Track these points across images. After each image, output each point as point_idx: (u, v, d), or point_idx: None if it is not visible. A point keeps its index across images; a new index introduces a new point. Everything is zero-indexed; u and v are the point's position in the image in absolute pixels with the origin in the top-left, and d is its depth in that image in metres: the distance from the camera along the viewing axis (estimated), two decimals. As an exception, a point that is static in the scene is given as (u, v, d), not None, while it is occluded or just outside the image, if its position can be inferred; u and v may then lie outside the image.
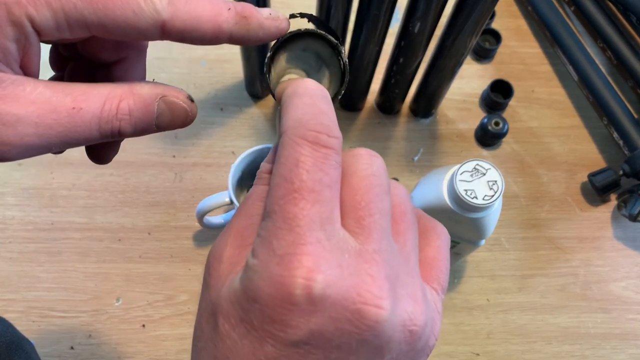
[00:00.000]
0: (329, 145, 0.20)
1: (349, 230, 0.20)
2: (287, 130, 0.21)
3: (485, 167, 0.41)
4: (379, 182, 0.21)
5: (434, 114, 0.62)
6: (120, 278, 0.53)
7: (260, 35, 0.24)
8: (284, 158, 0.20)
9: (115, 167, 0.57)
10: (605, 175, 0.58)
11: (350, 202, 0.21)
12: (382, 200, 0.21)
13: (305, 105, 0.21)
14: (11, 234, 0.54)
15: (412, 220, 0.23)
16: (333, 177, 0.20)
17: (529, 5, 0.67)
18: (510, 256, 0.56)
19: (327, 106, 0.22)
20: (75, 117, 0.21)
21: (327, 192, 0.20)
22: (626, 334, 0.54)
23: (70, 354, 0.50)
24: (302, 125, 0.21)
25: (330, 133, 0.21)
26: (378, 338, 0.19)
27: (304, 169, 0.20)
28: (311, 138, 0.20)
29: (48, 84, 0.21)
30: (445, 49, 0.50)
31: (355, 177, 0.21)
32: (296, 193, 0.19)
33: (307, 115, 0.21)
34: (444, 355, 0.52)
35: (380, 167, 0.22)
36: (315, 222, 0.19)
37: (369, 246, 0.20)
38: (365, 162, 0.22)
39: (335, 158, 0.20)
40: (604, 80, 0.60)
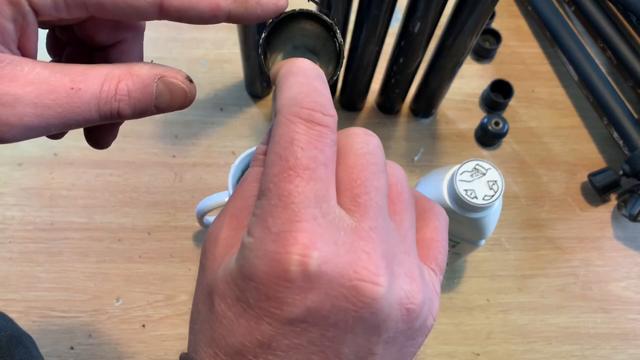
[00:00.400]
0: (323, 123, 0.20)
1: (345, 208, 0.20)
2: (281, 109, 0.21)
3: (485, 167, 0.41)
4: (375, 160, 0.21)
5: (434, 113, 0.62)
6: (120, 278, 0.53)
7: (259, 13, 0.24)
8: (279, 136, 0.20)
9: (115, 167, 0.57)
10: (605, 175, 0.58)
11: (346, 180, 0.21)
12: (378, 178, 0.21)
13: (300, 84, 0.21)
14: (11, 234, 0.54)
15: (409, 200, 0.23)
16: (328, 154, 0.20)
17: (529, 5, 0.67)
18: (510, 256, 0.56)
19: (321, 85, 0.22)
20: (74, 98, 0.21)
21: (322, 169, 0.20)
22: (626, 334, 0.54)
23: (70, 354, 0.50)
24: (297, 104, 0.20)
25: (325, 111, 0.20)
26: (375, 315, 0.19)
27: (299, 147, 0.19)
28: (305, 116, 0.20)
29: (46, 64, 0.21)
30: (445, 48, 0.50)
31: (351, 155, 0.21)
32: (291, 170, 0.19)
33: (302, 94, 0.21)
34: (444, 355, 0.52)
35: (377, 146, 0.22)
36: (310, 199, 0.19)
37: (365, 223, 0.20)
38: (361, 140, 0.22)
39: (330, 136, 0.20)
40: (604, 80, 0.60)
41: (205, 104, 0.61)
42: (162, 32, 0.64)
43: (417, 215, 0.25)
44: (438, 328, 0.53)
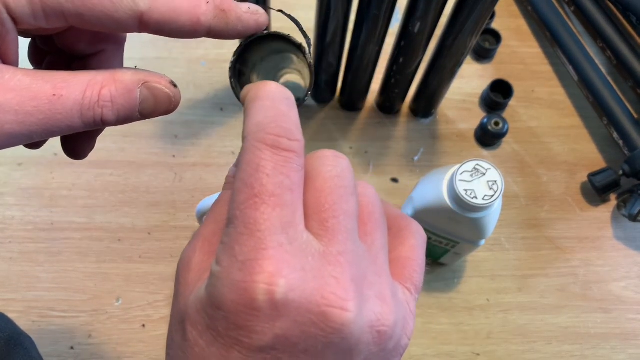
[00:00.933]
0: (289, 149, 0.20)
1: (313, 233, 0.20)
2: (247, 136, 0.21)
3: (485, 167, 0.41)
4: (344, 183, 0.21)
5: (434, 113, 0.62)
6: (120, 278, 0.53)
7: (240, 29, 0.24)
8: (245, 163, 0.20)
9: (115, 167, 0.57)
10: (605, 175, 0.58)
11: (314, 205, 0.21)
12: (346, 201, 0.21)
13: (266, 109, 0.21)
14: (11, 234, 0.54)
15: (380, 220, 0.23)
16: (294, 180, 0.20)
17: (529, 5, 0.67)
18: (510, 256, 0.56)
19: (288, 108, 0.22)
20: (56, 104, 0.21)
21: (288, 195, 0.20)
22: (626, 334, 0.54)
23: (70, 354, 0.50)
24: (262, 129, 0.20)
25: (290, 136, 0.20)
26: (345, 340, 0.19)
27: (264, 173, 0.19)
28: (271, 142, 0.20)
29: (27, 72, 0.21)
30: (445, 49, 0.50)
31: (319, 179, 0.21)
32: (257, 198, 0.19)
33: (268, 119, 0.21)
34: (444, 355, 0.52)
35: (346, 168, 0.22)
36: (276, 226, 0.19)
37: (334, 248, 0.20)
38: (330, 163, 0.22)
39: (296, 161, 0.20)
40: (604, 80, 0.60)
41: (205, 104, 0.61)
42: (162, 32, 0.64)
43: (394, 234, 0.25)
44: (438, 328, 0.53)
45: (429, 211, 0.45)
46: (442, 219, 0.44)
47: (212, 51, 0.63)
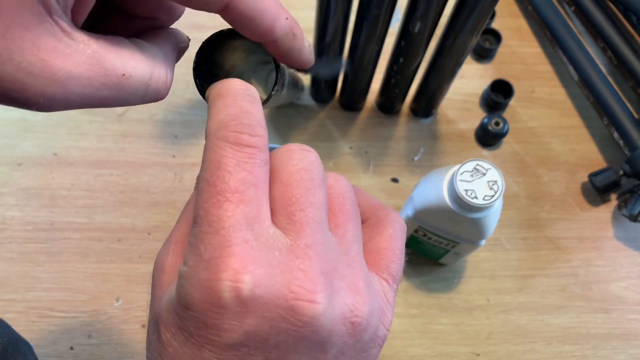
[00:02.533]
0: (251, 144, 0.20)
1: (281, 227, 0.20)
2: (209, 134, 0.21)
3: (486, 167, 0.40)
4: (310, 175, 0.21)
5: (434, 113, 0.62)
6: (120, 278, 0.53)
7: (295, 57, 0.25)
8: (207, 162, 0.20)
9: (114, 167, 0.57)
10: (606, 175, 0.57)
11: (280, 199, 0.21)
12: (314, 193, 0.21)
13: (227, 106, 0.21)
14: (11, 234, 0.54)
15: (351, 211, 0.23)
16: (258, 175, 0.20)
17: (529, 5, 0.67)
18: (510, 256, 0.56)
19: (250, 104, 0.21)
20: (124, 84, 0.21)
21: (252, 191, 0.19)
22: (627, 334, 0.54)
23: (70, 354, 0.50)
24: (224, 127, 0.20)
25: (252, 132, 0.20)
26: (317, 333, 0.19)
27: (226, 170, 0.19)
28: (232, 139, 0.20)
29: (99, 42, 0.20)
30: (445, 48, 0.50)
31: (286, 173, 0.21)
32: (219, 195, 0.19)
33: (229, 117, 0.21)
34: (444, 356, 0.52)
35: (313, 161, 0.22)
36: (240, 222, 0.19)
37: (301, 241, 0.20)
38: (296, 157, 0.22)
39: (259, 156, 0.20)
40: (605, 80, 0.60)
41: (205, 104, 0.61)
42: (162, 32, 0.64)
43: (372, 224, 0.25)
44: (438, 328, 0.53)
45: (429, 211, 0.44)
46: (442, 219, 0.44)
47: (212, 51, 0.63)
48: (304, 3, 0.67)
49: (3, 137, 0.58)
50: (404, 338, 0.52)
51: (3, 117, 0.59)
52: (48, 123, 0.59)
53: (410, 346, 0.52)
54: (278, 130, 0.60)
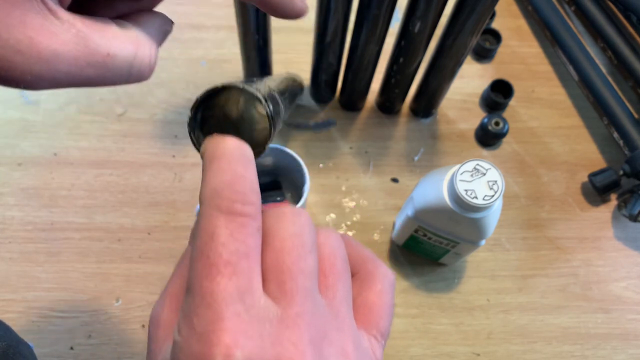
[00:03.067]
0: (244, 213, 0.20)
1: (272, 296, 0.20)
2: (203, 201, 0.21)
3: (486, 167, 0.40)
4: (302, 241, 0.21)
5: (434, 113, 0.62)
6: (120, 278, 0.53)
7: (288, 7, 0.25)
8: (201, 230, 0.20)
9: (114, 167, 0.57)
10: (606, 175, 0.58)
11: (272, 266, 0.21)
12: (305, 260, 0.21)
13: (221, 171, 0.21)
14: (11, 234, 0.54)
15: (342, 271, 0.23)
16: (250, 244, 0.20)
17: (529, 5, 0.67)
18: (510, 256, 0.56)
19: (244, 168, 0.22)
20: (108, 64, 0.21)
21: (244, 262, 0.20)
22: (627, 334, 0.54)
23: (70, 354, 0.50)
24: (217, 195, 0.20)
25: (245, 200, 0.20)
26: None
27: (219, 242, 0.20)
28: (225, 208, 0.20)
29: (84, 21, 0.21)
30: (445, 48, 0.50)
31: (277, 239, 0.21)
32: (213, 267, 0.19)
33: (222, 184, 0.21)
34: (444, 356, 0.52)
35: (304, 224, 0.22)
36: (233, 295, 0.19)
37: (292, 310, 0.20)
38: (288, 221, 0.22)
39: (252, 224, 0.20)
40: (604, 80, 0.60)
41: (205, 104, 0.61)
42: (162, 32, 0.64)
43: (361, 277, 0.25)
44: (438, 328, 0.53)
45: (429, 211, 0.44)
46: (442, 219, 0.44)
47: (212, 51, 0.63)
48: (304, 3, 0.67)
49: (3, 136, 0.58)
50: (404, 338, 0.52)
51: (3, 116, 0.59)
52: (48, 123, 0.59)
53: (410, 346, 0.52)
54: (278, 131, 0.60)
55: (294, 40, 0.65)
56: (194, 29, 0.64)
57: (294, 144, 0.59)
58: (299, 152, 0.57)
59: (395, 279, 0.25)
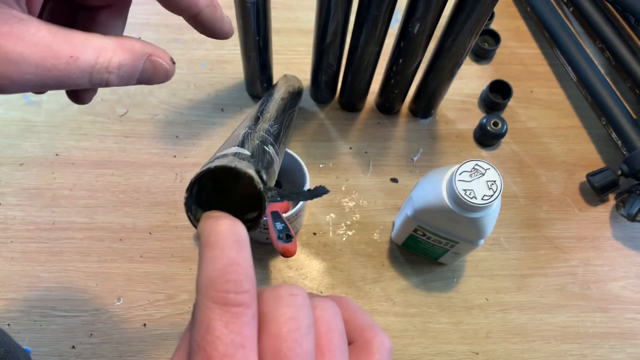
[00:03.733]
0: (238, 303, 0.21)
1: None
2: (199, 291, 0.21)
3: (484, 167, 0.41)
4: (298, 325, 0.22)
5: (433, 114, 0.62)
6: (122, 278, 0.53)
7: (217, 27, 0.28)
8: (198, 323, 0.21)
9: (116, 167, 0.57)
10: (604, 175, 0.58)
11: (269, 352, 0.21)
12: (301, 344, 0.21)
13: (215, 259, 0.22)
14: (12, 233, 0.54)
15: (338, 345, 0.23)
16: (246, 334, 0.21)
17: (527, 6, 0.67)
18: (509, 256, 0.57)
19: (237, 253, 0.22)
20: (72, 65, 0.23)
21: (240, 353, 0.20)
22: (625, 333, 0.54)
23: (72, 353, 0.50)
24: (212, 286, 0.21)
25: (239, 289, 0.21)
26: None
27: (215, 335, 0.20)
28: (220, 300, 0.21)
29: (49, 28, 0.23)
30: (444, 49, 0.51)
31: (274, 324, 0.22)
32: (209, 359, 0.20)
33: (216, 272, 0.21)
34: (444, 355, 0.52)
35: (300, 305, 0.22)
36: None
37: None
38: (284, 304, 0.22)
39: (247, 313, 0.21)
40: (603, 80, 0.60)
41: (206, 105, 0.61)
42: (163, 32, 0.64)
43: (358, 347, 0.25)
44: (437, 327, 0.53)
45: (429, 211, 0.45)
46: (441, 219, 0.45)
47: (213, 52, 0.64)
48: (304, 4, 0.67)
49: (5, 137, 0.58)
50: (404, 337, 0.53)
51: (5, 117, 0.59)
52: (50, 123, 0.59)
53: (409, 345, 0.52)
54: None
55: (294, 41, 0.65)
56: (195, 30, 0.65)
57: (294, 144, 0.60)
58: (299, 152, 0.58)
59: (392, 346, 0.26)
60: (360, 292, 0.54)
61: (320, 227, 0.56)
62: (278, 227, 0.43)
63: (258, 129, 0.30)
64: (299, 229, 0.56)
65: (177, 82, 0.62)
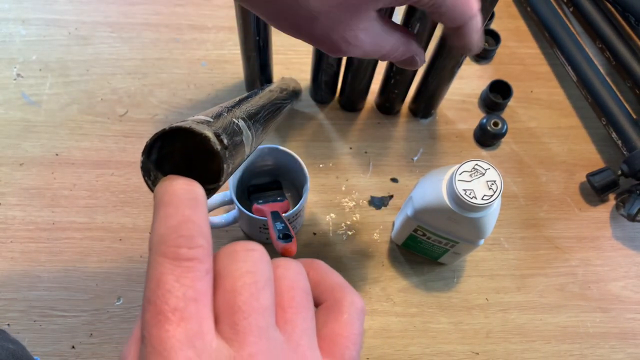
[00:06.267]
0: (190, 257, 0.20)
1: (225, 337, 0.20)
2: (151, 248, 0.21)
3: (485, 167, 0.41)
4: (254, 278, 0.21)
5: (433, 114, 0.62)
6: (121, 277, 0.53)
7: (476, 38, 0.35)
8: (148, 279, 0.20)
9: (116, 167, 0.57)
10: (604, 175, 0.58)
11: (224, 307, 0.21)
12: (257, 298, 0.21)
13: (168, 217, 0.21)
14: (12, 233, 0.54)
15: (302, 303, 0.23)
16: (199, 288, 0.20)
17: (528, 6, 0.67)
18: (509, 256, 0.57)
19: (192, 210, 0.21)
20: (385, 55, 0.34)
21: (192, 306, 0.20)
22: (625, 333, 0.54)
23: (71, 353, 0.50)
24: (163, 242, 0.20)
25: (191, 244, 0.20)
26: None
27: (165, 289, 0.19)
28: (171, 254, 0.20)
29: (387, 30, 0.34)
30: (444, 49, 0.51)
31: (229, 279, 0.21)
32: (160, 315, 0.19)
33: (169, 230, 0.20)
34: (444, 354, 0.52)
35: (258, 259, 0.22)
36: (182, 341, 0.19)
37: (244, 351, 0.20)
38: (240, 259, 0.21)
39: (199, 268, 0.20)
40: (603, 80, 0.60)
41: (206, 105, 0.61)
42: (163, 32, 0.64)
43: (328, 306, 0.25)
44: (437, 327, 0.53)
45: (429, 211, 0.45)
46: (441, 219, 0.45)
47: (213, 52, 0.64)
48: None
49: (5, 137, 0.58)
50: (404, 337, 0.53)
51: (5, 117, 0.59)
52: (50, 123, 0.59)
53: (409, 345, 0.52)
54: (278, 132, 0.60)
55: (294, 41, 0.64)
56: (195, 30, 0.65)
57: (294, 144, 0.60)
58: (299, 152, 0.58)
59: (364, 306, 0.25)
60: (360, 292, 0.54)
61: (320, 227, 0.56)
62: (278, 227, 0.43)
63: (233, 109, 0.29)
64: (299, 229, 0.56)
65: (177, 82, 0.62)
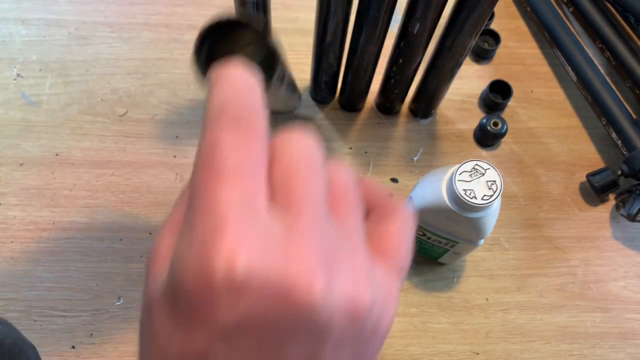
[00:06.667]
0: (250, 122, 0.19)
1: (279, 209, 0.19)
2: (207, 118, 0.19)
3: (484, 167, 0.41)
4: (312, 160, 0.20)
5: (433, 114, 0.62)
6: (122, 277, 0.53)
7: None
8: (204, 144, 0.19)
9: (116, 167, 0.57)
10: (604, 175, 0.58)
11: (280, 180, 0.19)
12: (314, 178, 0.20)
13: (227, 91, 0.20)
14: (12, 233, 0.54)
15: (352, 202, 0.21)
16: (257, 152, 0.19)
17: (528, 6, 0.67)
18: (509, 256, 0.57)
19: (250, 94, 0.20)
20: None
21: (249, 170, 0.18)
22: (625, 333, 0.54)
23: (72, 353, 0.50)
24: (222, 111, 0.19)
25: (252, 114, 0.19)
26: (314, 321, 0.18)
27: (223, 150, 0.18)
28: (231, 121, 0.19)
29: None
30: (444, 49, 0.51)
31: (286, 155, 0.20)
32: (215, 175, 0.18)
33: (228, 101, 0.19)
34: (443, 354, 0.52)
35: (314, 145, 0.21)
36: (236, 203, 0.18)
37: (300, 225, 0.18)
38: (297, 139, 0.20)
39: (259, 132, 0.19)
40: (603, 80, 0.60)
41: (206, 105, 0.61)
42: (163, 32, 0.64)
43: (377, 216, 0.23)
44: (437, 327, 0.53)
45: (428, 211, 0.45)
46: (441, 219, 0.45)
47: (213, 52, 0.64)
48: (304, 4, 0.67)
49: (5, 137, 0.58)
50: (403, 337, 0.53)
51: (5, 117, 0.59)
52: (50, 123, 0.59)
53: (409, 345, 0.52)
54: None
55: (293, 42, 0.65)
56: (195, 30, 0.64)
57: (294, 144, 0.60)
58: (299, 153, 0.58)
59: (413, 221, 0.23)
60: (360, 292, 0.54)
61: (320, 227, 0.56)
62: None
63: None
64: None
65: (177, 82, 0.62)
